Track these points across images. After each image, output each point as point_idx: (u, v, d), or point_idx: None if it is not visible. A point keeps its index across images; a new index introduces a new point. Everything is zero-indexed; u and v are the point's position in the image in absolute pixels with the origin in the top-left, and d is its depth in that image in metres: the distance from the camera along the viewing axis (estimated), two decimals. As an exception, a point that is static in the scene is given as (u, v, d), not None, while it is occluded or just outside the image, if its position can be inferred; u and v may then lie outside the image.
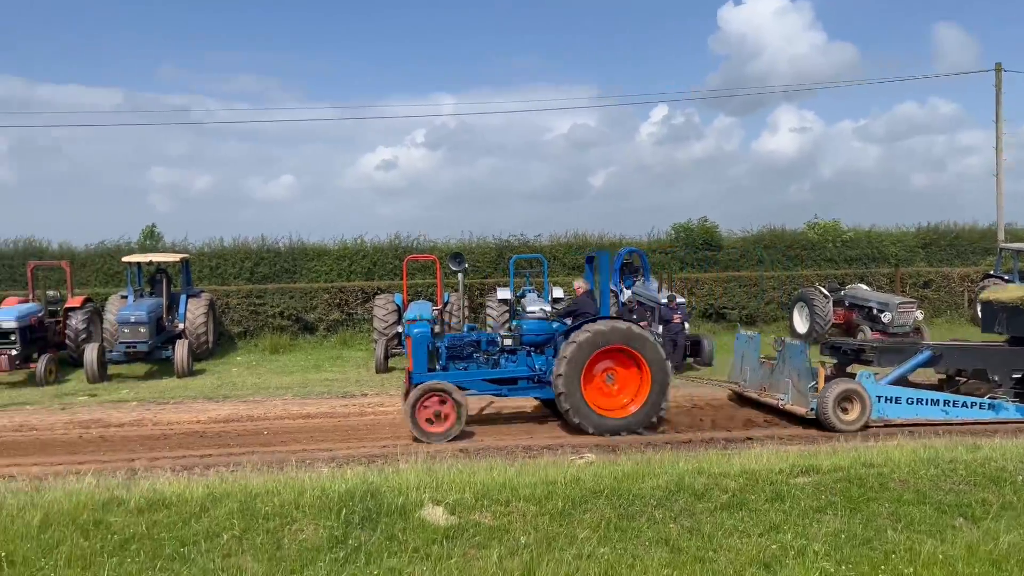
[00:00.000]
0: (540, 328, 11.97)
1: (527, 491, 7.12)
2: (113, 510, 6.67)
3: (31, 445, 11.11)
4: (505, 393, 11.70)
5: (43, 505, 6.67)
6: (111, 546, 6.23)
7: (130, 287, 18.34)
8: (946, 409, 11.50)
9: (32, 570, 5.97)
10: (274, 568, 6.05)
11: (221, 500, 6.85)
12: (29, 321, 16.69)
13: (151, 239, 26.02)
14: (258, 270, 24.95)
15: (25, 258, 22.58)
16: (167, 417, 12.77)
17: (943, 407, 11.50)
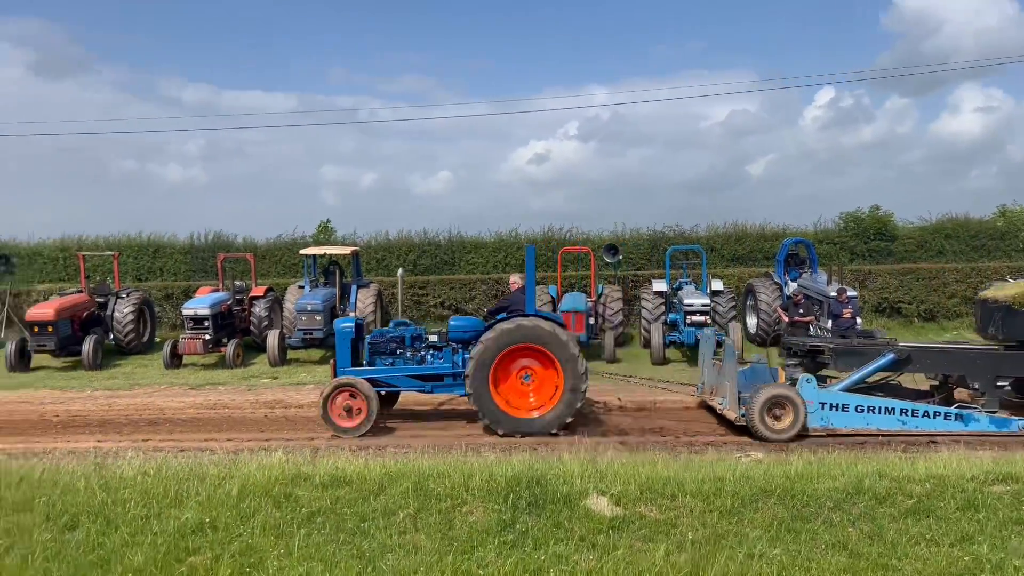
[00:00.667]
0: (468, 325, 11.68)
1: (694, 486, 6.99)
2: (301, 484, 7.19)
3: (224, 422, 12.16)
4: (429, 389, 11.51)
5: (240, 477, 7.28)
6: (300, 518, 6.71)
7: (307, 278, 19.62)
8: (903, 419, 10.46)
9: (232, 536, 6.53)
10: (446, 547, 6.29)
11: (397, 480, 7.21)
12: (220, 308, 18.24)
13: (325, 233, 27.72)
14: (420, 262, 25.95)
15: (215, 251, 24.67)
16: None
17: (900, 416, 10.44)
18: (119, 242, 26.17)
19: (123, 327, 18.75)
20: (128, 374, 16.78)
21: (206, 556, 6.29)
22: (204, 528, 6.58)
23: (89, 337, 17.45)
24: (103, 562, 6.25)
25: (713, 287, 18.81)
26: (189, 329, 17.71)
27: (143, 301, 19.66)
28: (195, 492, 7.05)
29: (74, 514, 6.85)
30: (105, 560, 6.27)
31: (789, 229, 25.48)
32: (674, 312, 18.26)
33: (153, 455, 8.67)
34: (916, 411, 10.50)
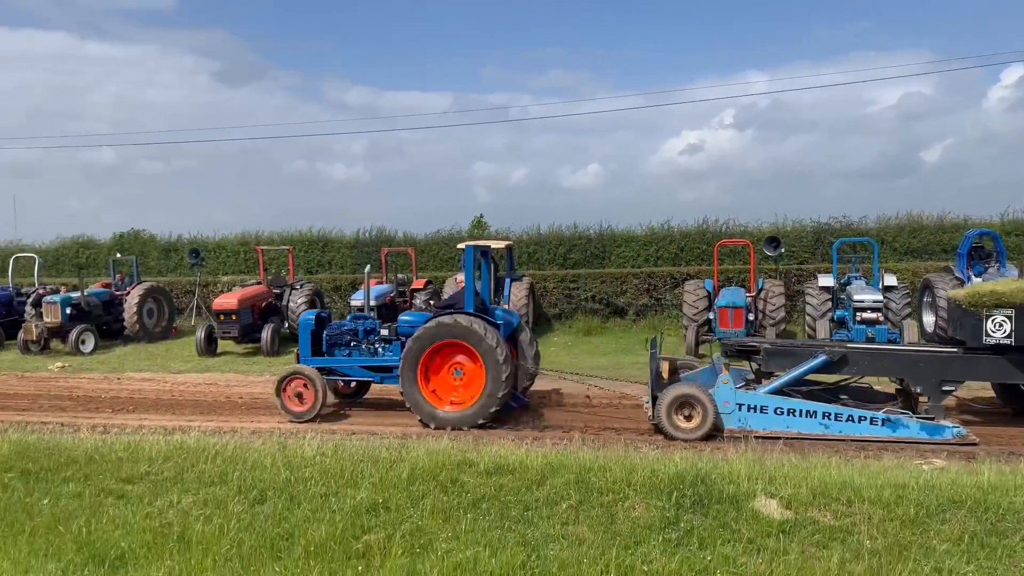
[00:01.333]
0: (416, 320, 11.73)
1: (872, 493, 6.60)
2: (466, 471, 7.41)
3: (390, 407, 12.72)
4: (379, 380, 12.02)
5: (409, 461, 7.62)
6: (466, 503, 6.93)
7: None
8: (826, 423, 9.87)
9: (403, 517, 6.84)
10: (609, 541, 6.29)
11: (558, 471, 7.28)
12: (385, 300, 19.15)
13: (478, 228, 28.42)
14: (570, 256, 26.03)
15: (378, 245, 25.86)
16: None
17: (822, 420, 9.87)
18: (292, 237, 28.00)
19: (297, 316, 20.04)
20: (301, 360, 17.93)
21: (380, 535, 6.62)
22: (378, 508, 6.93)
23: (267, 325, 18.80)
24: (288, 535, 6.72)
25: (885, 282, 17.63)
26: (356, 319, 18.69)
27: (315, 292, 20.93)
28: (369, 474, 7.44)
29: (262, 489, 7.42)
30: (289, 533, 6.74)
31: (971, 220, 23.45)
32: (842, 309, 17.29)
33: (330, 437, 9.22)
34: (840, 415, 9.93)
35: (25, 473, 8.15)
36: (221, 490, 7.45)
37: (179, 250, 28.82)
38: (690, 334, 17.26)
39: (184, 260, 27.27)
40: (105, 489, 7.77)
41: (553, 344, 19.73)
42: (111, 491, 7.75)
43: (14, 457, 8.43)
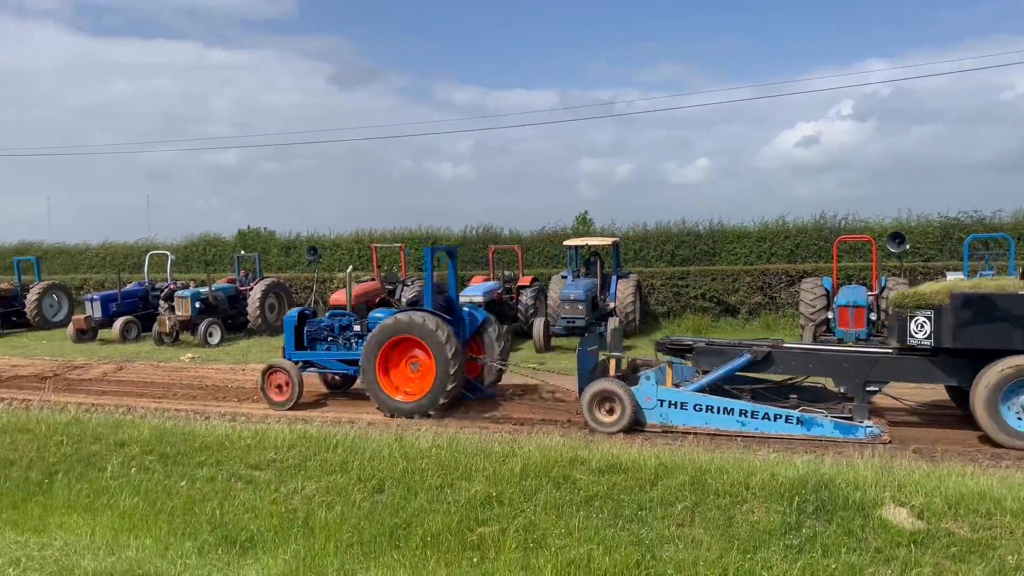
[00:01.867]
0: (385, 316, 12.28)
1: (1016, 505, 6.18)
2: (578, 468, 7.41)
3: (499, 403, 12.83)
4: (353, 372, 12.59)
5: (522, 456, 7.67)
6: (578, 500, 6.93)
7: (569, 268, 20.18)
8: (743, 420, 10.01)
9: (516, 511, 6.91)
10: (727, 544, 6.15)
11: (672, 471, 7.17)
12: (492, 296, 19.35)
13: (583, 225, 28.33)
14: (679, 252, 25.57)
15: (485, 243, 26.18)
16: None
17: (739, 417, 10.02)
18: (402, 235, 28.72)
19: (407, 312, 20.60)
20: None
21: (493, 528, 6.71)
22: (491, 501, 7.02)
23: (379, 320, 19.38)
24: (405, 524, 6.91)
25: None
26: (464, 315, 19.02)
27: (423, 289, 21.40)
28: (482, 467, 7.54)
29: (380, 479, 7.65)
30: (407, 523, 6.93)
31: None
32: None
33: (444, 430, 9.41)
34: (756, 412, 10.04)
35: (163, 457, 8.71)
36: (342, 478, 7.73)
37: (297, 247, 30.06)
38: (807, 334, 16.61)
39: (302, 257, 28.42)
40: (235, 474, 8.21)
41: (661, 342, 19.44)
42: (240, 476, 8.18)
43: (154, 441, 9.03)
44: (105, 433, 9.37)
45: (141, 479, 8.30)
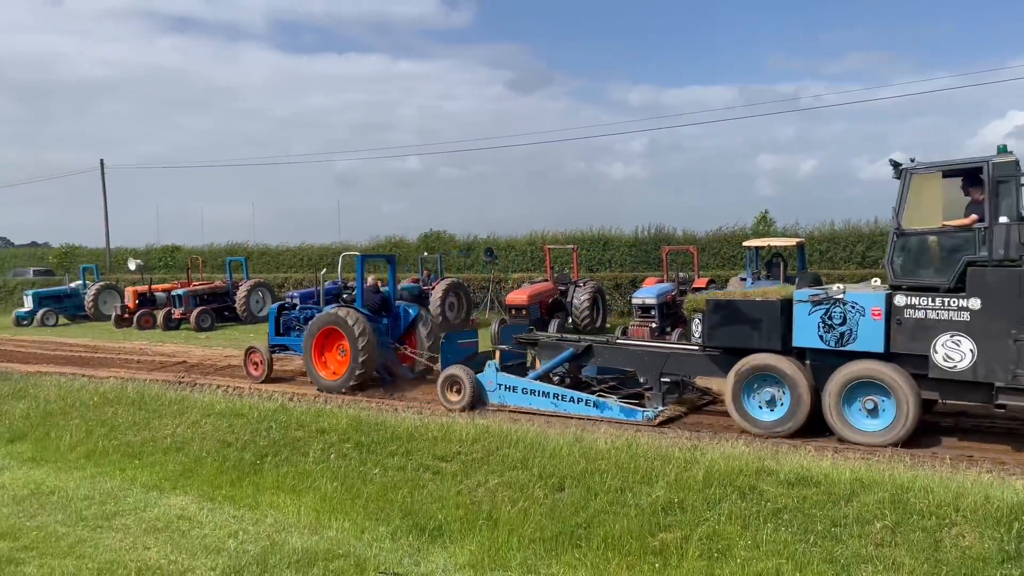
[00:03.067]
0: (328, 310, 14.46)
1: None
2: (764, 479, 7.14)
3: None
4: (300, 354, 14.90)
5: (704, 463, 7.51)
6: (765, 512, 6.68)
7: (749, 269, 19.45)
8: (556, 402, 11.63)
9: (699, 519, 6.77)
10: (933, 570, 5.72)
11: (870, 487, 6.74)
12: (665, 298, 19.06)
13: (763, 223, 27.25)
14: (870, 254, 24.00)
15: (657, 244, 25.84)
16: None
17: (553, 400, 11.65)
18: (574, 236, 28.96)
19: (580, 312, 20.71)
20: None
21: (676, 534, 6.62)
22: (673, 508, 6.93)
23: (553, 320, 19.64)
24: (586, 524, 6.97)
25: None
26: (637, 316, 18.83)
27: (596, 289, 21.46)
28: (663, 472, 7.45)
29: (561, 477, 7.76)
30: (588, 523, 6.98)
31: None
32: None
33: (623, 432, 9.39)
34: (564, 396, 11.64)
35: (359, 445, 9.31)
36: (523, 474, 7.92)
37: (475, 249, 31.12)
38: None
39: (479, 258, 29.38)
40: (423, 465, 8.63)
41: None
42: (428, 467, 8.59)
43: (351, 430, 9.68)
44: (308, 421, 10.16)
45: (339, 465, 8.92)
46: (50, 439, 11.26)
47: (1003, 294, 8.60)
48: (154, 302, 27.12)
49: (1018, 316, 8.51)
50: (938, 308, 9.00)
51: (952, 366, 8.91)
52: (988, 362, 8.69)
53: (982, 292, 8.70)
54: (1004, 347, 8.57)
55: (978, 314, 8.74)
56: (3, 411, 12.68)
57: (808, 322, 9.81)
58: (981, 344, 8.73)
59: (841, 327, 9.58)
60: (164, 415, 11.17)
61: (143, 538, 7.50)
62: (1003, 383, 8.63)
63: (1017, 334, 8.49)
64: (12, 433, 11.79)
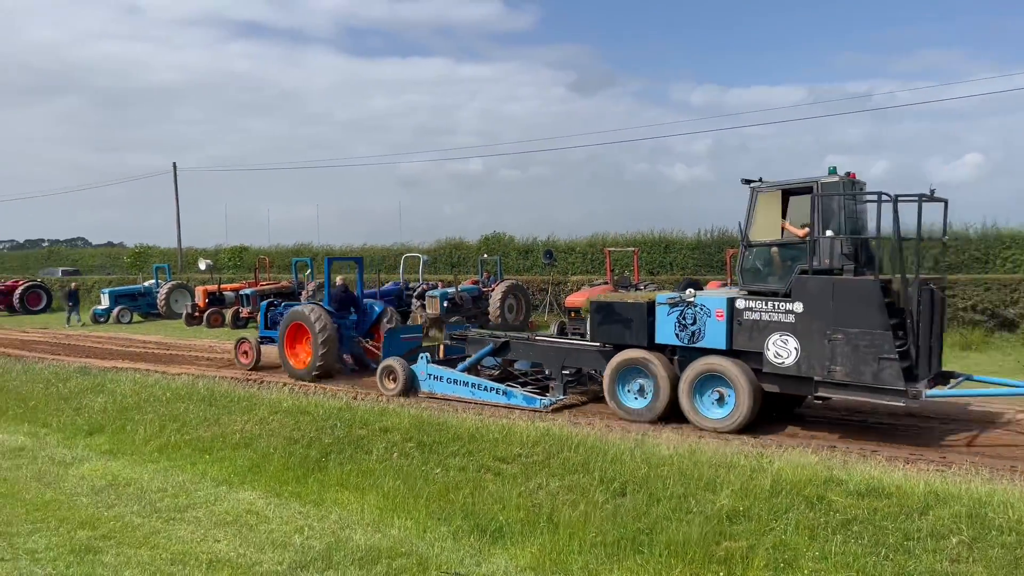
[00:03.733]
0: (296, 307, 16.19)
1: None
2: (833, 489, 6.97)
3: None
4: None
5: (771, 472, 7.36)
6: (834, 523, 6.52)
7: (815, 274, 19.00)
8: (473, 391, 12.86)
9: (765, 528, 6.64)
10: (1014, 589, 5.48)
11: (945, 501, 6.52)
12: (729, 303, 18.77)
13: (829, 227, 26.56)
14: (943, 259, 23.14)
15: (720, 246, 25.43)
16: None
17: (471, 388, 12.90)
18: (635, 238, 28.71)
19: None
20: (646, 359, 18.31)
21: (741, 543, 6.51)
22: (738, 516, 6.81)
23: (614, 324, 19.51)
24: (648, 530, 6.90)
25: None
26: (700, 321, 18.59)
27: (658, 293, 21.22)
28: (728, 480, 7.33)
29: (622, 482, 7.71)
30: (650, 529, 6.91)
31: None
32: None
33: (686, 438, 9.28)
34: (480, 385, 12.87)
35: (421, 445, 9.42)
36: (584, 478, 7.89)
37: (534, 251, 31.14)
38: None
39: (538, 260, 29.39)
40: (484, 465, 8.68)
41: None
42: (489, 468, 8.63)
43: (413, 430, 9.79)
44: (371, 420, 10.32)
45: (402, 464, 9.04)
46: (126, 432, 11.70)
47: (821, 299, 9.68)
48: (223, 301, 27.90)
49: (832, 318, 9.61)
50: (770, 311, 10.19)
51: (781, 362, 10.07)
52: (809, 358, 9.81)
53: (804, 297, 9.81)
54: (821, 345, 9.70)
55: (801, 316, 9.87)
56: (83, 405, 13.23)
57: (667, 321, 11.09)
58: (804, 342, 9.85)
59: (692, 326, 10.83)
60: (233, 411, 11.49)
61: (213, 531, 7.72)
62: (820, 377, 9.77)
63: (831, 334, 9.61)
64: (91, 426, 12.28)
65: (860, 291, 9.49)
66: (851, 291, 9.55)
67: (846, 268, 9.97)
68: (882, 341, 9.28)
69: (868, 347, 9.36)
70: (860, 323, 9.43)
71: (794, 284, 9.95)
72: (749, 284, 10.74)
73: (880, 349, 9.28)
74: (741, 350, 10.43)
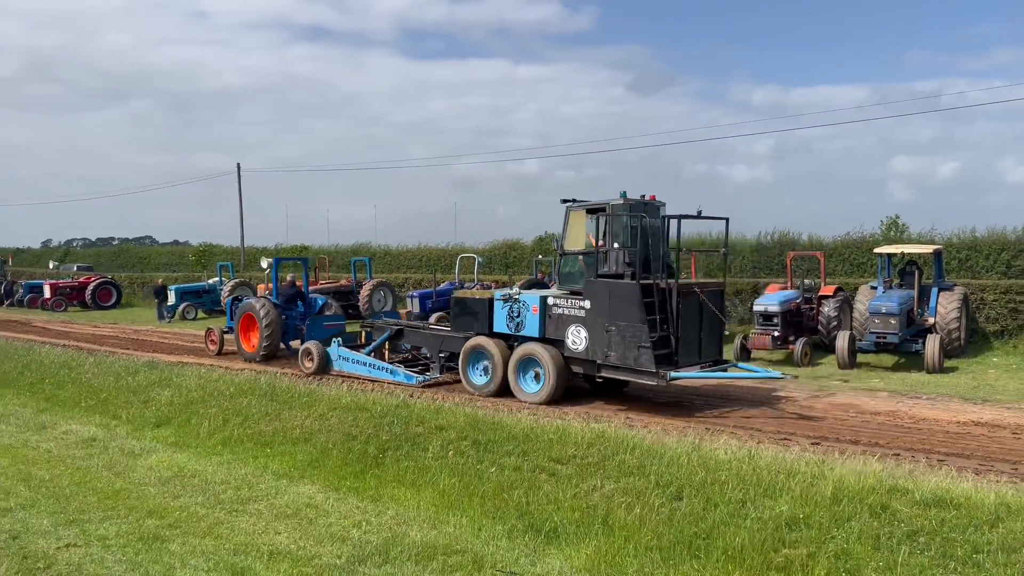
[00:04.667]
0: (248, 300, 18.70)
1: None
2: (898, 498, 6.78)
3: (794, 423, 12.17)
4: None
5: (833, 479, 7.19)
6: (899, 533, 6.34)
7: (880, 278, 18.49)
8: (369, 370, 15.26)
9: (826, 536, 6.50)
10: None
11: (1017, 513, 6.30)
12: (789, 306, 18.38)
13: (894, 229, 25.81)
14: (1015, 263, 22.29)
15: (781, 249, 24.94)
16: (921, 412, 12.43)
17: (368, 368, 15.30)
18: (691, 240, 28.32)
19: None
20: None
21: (800, 551, 6.39)
22: (798, 523, 6.69)
23: (670, 326, 19.30)
24: (705, 535, 6.83)
25: None
26: (759, 325, 18.24)
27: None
28: (787, 487, 7.20)
29: (679, 486, 7.63)
30: (707, 534, 6.83)
31: None
32: None
33: (744, 442, 9.12)
34: (374, 365, 15.20)
35: (476, 443, 9.48)
36: (640, 481, 7.83)
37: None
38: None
39: (593, 261, 29.20)
40: (539, 466, 8.69)
41: (992, 366, 17.07)
42: (543, 468, 8.65)
43: (468, 428, 9.87)
44: (427, 417, 10.43)
45: (457, 462, 9.11)
46: (191, 425, 12.06)
47: (601, 298, 11.97)
48: (284, 299, 28.52)
49: (608, 314, 11.89)
50: (569, 307, 12.54)
51: (576, 348, 12.40)
52: (594, 345, 12.12)
53: (591, 296, 12.15)
54: (602, 335, 11.98)
55: (589, 311, 12.21)
56: (151, 398, 13.68)
57: (501, 315, 13.43)
58: (591, 332, 12.18)
59: (517, 318, 13.18)
60: (293, 407, 11.75)
61: (274, 523, 7.91)
62: (601, 360, 12.06)
63: (608, 326, 11.88)
64: (158, 418, 12.70)
65: (625, 292, 11.66)
66: (620, 292, 11.74)
67: (626, 274, 11.96)
68: (640, 333, 11.46)
69: (631, 337, 11.59)
70: (626, 318, 11.66)
71: (585, 286, 12.31)
72: (564, 285, 13.09)
73: (639, 339, 11.50)
74: (551, 338, 12.70)
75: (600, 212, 12.56)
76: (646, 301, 11.53)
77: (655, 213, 12.67)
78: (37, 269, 49.51)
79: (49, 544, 7.43)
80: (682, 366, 12.01)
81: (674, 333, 11.97)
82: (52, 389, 15.76)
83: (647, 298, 11.58)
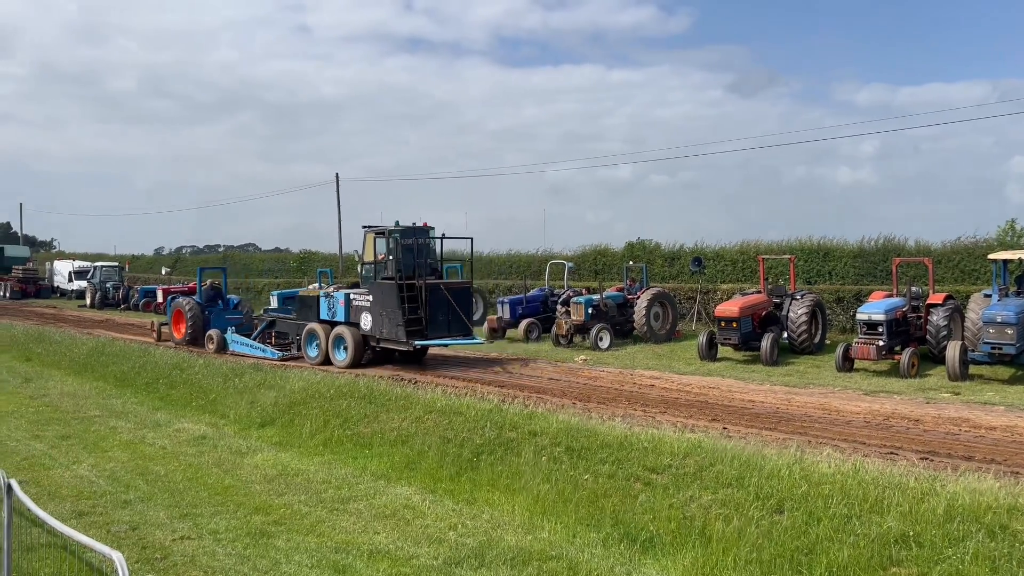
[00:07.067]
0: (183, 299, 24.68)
1: None
2: (1019, 518, 6.43)
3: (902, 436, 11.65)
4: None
5: (945, 496, 6.87)
6: (1019, 555, 6.01)
7: (995, 285, 17.48)
8: (252, 350, 20.54)
9: (937, 555, 6.22)
10: None
11: None
12: (895, 315, 17.60)
13: (1011, 234, 24.40)
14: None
15: (886, 255, 23.93)
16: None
17: (251, 348, 20.70)
18: (791, 245, 27.51)
19: (797, 327, 19.63)
20: (801, 372, 17.50)
21: (910, 570, 6.15)
22: (907, 541, 6.42)
23: (767, 335, 18.76)
24: (808, 550, 6.64)
25: None
26: (862, 334, 17.51)
27: (816, 303, 20.24)
28: (895, 502, 6.92)
29: (780, 499, 7.44)
30: (810, 549, 6.64)
31: None
32: None
33: (851, 456, 8.80)
34: (253, 346, 20.83)
35: (570, 450, 9.49)
36: (739, 493, 7.67)
37: (681, 258, 30.51)
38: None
39: (686, 267, 28.77)
40: (633, 475, 8.63)
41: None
42: (638, 477, 8.58)
43: (561, 435, 9.89)
44: (521, 423, 10.51)
45: (551, 468, 9.15)
46: (294, 426, 12.54)
47: (378, 293, 17.94)
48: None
49: (381, 303, 17.78)
50: (362, 300, 18.42)
51: (366, 328, 18.19)
52: (375, 325, 17.96)
53: (373, 292, 18.12)
54: (379, 318, 17.81)
55: (372, 303, 18.09)
56: (256, 399, 14.29)
57: (324, 307, 19.34)
58: (373, 317, 18.00)
59: (331, 309, 19.06)
60: (391, 410, 12.05)
61: (373, 523, 8.14)
62: (379, 336, 18.05)
63: (381, 311, 17.72)
64: (263, 419, 13.26)
65: (390, 289, 17.51)
66: (388, 289, 17.61)
67: (396, 277, 17.55)
68: (398, 315, 17.29)
69: (393, 319, 17.48)
70: (390, 306, 17.54)
71: (371, 285, 18.33)
72: (363, 286, 18.87)
73: (397, 320, 17.35)
74: (352, 322, 18.53)
75: (382, 235, 18.51)
76: (409, 295, 17.36)
77: (424, 235, 18.69)
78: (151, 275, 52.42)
79: (165, 536, 7.87)
80: (432, 338, 17.70)
81: (424, 316, 17.49)
82: (166, 389, 16.67)
83: (410, 293, 17.37)
